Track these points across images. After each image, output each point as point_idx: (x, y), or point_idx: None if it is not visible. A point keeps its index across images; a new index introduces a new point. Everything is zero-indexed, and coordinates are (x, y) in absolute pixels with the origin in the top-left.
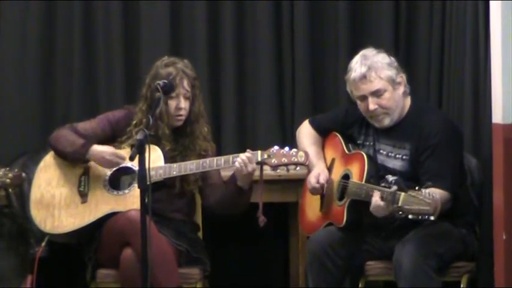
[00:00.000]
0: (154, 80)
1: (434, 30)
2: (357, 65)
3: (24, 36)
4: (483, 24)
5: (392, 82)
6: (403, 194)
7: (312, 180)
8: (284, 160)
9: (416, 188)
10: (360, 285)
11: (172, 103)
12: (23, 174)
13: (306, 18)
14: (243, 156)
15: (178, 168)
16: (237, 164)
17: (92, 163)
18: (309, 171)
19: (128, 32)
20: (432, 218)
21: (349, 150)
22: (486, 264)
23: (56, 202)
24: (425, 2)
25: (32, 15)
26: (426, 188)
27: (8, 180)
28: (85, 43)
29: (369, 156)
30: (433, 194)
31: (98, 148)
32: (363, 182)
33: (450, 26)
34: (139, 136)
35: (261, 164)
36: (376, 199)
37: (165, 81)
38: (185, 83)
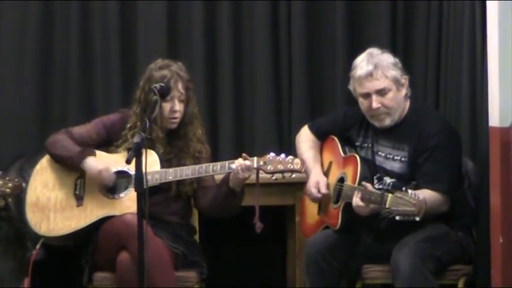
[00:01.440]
0: (148, 82)
1: (432, 31)
2: (363, 63)
3: (21, 38)
4: (480, 25)
5: (397, 83)
6: (390, 195)
7: (312, 190)
8: (280, 167)
9: (403, 188)
10: (356, 287)
11: (166, 106)
12: (23, 184)
13: (303, 19)
14: (242, 162)
15: (174, 174)
16: (233, 166)
17: None
18: (307, 175)
19: (125, 32)
20: (417, 218)
21: (345, 153)
22: (483, 267)
23: (52, 205)
24: (423, 2)
25: (29, 16)
26: (413, 188)
27: (8, 190)
28: (82, 44)
29: (362, 159)
30: (418, 195)
31: (91, 161)
32: (356, 185)
33: (447, 27)
34: (136, 139)
35: (257, 170)
36: (355, 199)
37: (162, 84)
38: (180, 85)
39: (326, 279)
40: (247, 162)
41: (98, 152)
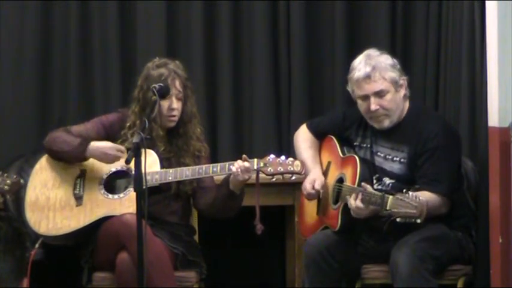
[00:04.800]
0: (146, 81)
1: (431, 31)
2: (361, 65)
3: (20, 38)
4: (479, 25)
5: (395, 84)
6: (390, 197)
7: (307, 186)
8: (280, 169)
9: (404, 190)
10: (356, 287)
11: (164, 104)
12: (22, 181)
13: (302, 19)
14: (242, 164)
15: (174, 174)
16: (233, 169)
17: (88, 166)
18: (306, 175)
19: (124, 32)
20: (419, 221)
21: (343, 153)
22: (482, 267)
23: (51, 204)
24: (422, 2)
25: (28, 16)
26: (414, 190)
27: (6, 187)
28: (81, 44)
29: (361, 160)
30: (420, 197)
31: (97, 144)
32: (355, 186)
33: (447, 27)
34: (135, 139)
35: (257, 172)
36: (353, 201)
37: (161, 84)
38: (177, 83)
39: (326, 279)
40: (247, 164)
41: None
